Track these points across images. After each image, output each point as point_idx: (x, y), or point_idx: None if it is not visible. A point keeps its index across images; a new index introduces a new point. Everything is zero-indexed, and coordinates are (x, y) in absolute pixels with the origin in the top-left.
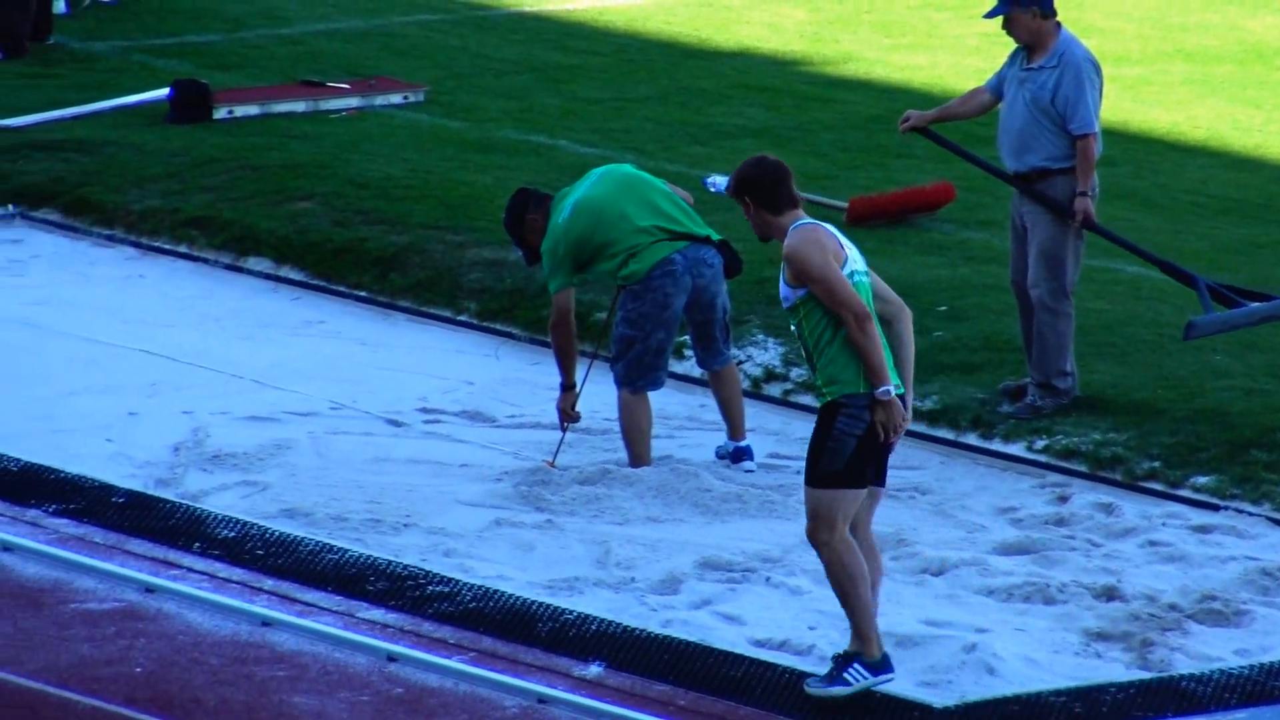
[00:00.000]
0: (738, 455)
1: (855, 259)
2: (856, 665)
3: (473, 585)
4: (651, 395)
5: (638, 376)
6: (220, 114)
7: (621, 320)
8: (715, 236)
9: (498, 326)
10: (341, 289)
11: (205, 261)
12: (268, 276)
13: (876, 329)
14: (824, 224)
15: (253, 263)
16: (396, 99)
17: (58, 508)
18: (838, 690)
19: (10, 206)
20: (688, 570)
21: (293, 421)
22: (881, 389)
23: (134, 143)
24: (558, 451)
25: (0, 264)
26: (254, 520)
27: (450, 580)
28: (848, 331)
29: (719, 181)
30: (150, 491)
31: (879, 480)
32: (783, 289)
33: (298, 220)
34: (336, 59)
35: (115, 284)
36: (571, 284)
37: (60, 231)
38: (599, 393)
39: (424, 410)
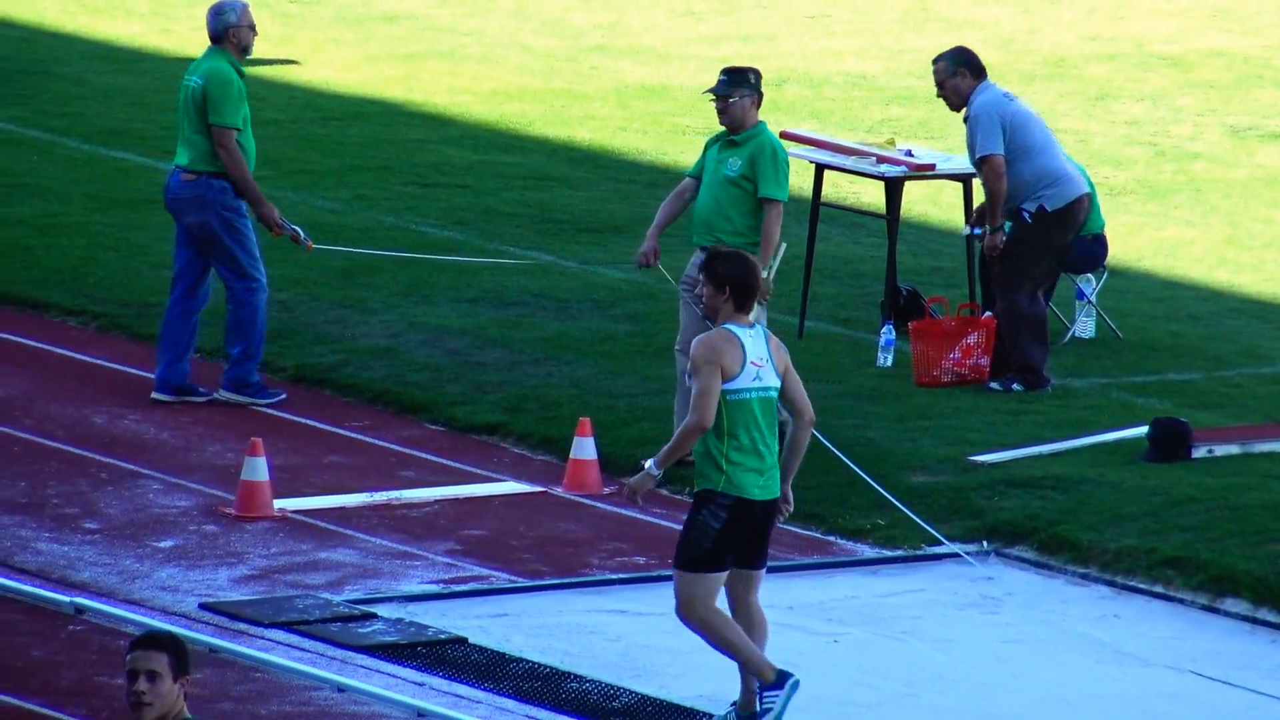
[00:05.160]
0: None
1: (759, 375)
2: (764, 694)
3: None
4: None
5: None
6: (1199, 453)
7: None
8: None
9: None
10: None
11: (1181, 602)
12: (1244, 618)
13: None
14: (744, 336)
15: (1229, 604)
16: None
17: None
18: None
19: (984, 543)
20: None
21: None
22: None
23: (1111, 480)
24: None
25: (973, 600)
26: None
27: None
28: None
29: None
30: None
31: (754, 564)
32: None
33: (1278, 562)
34: None
35: (1088, 624)
36: None
37: (1034, 569)
38: None
39: None
